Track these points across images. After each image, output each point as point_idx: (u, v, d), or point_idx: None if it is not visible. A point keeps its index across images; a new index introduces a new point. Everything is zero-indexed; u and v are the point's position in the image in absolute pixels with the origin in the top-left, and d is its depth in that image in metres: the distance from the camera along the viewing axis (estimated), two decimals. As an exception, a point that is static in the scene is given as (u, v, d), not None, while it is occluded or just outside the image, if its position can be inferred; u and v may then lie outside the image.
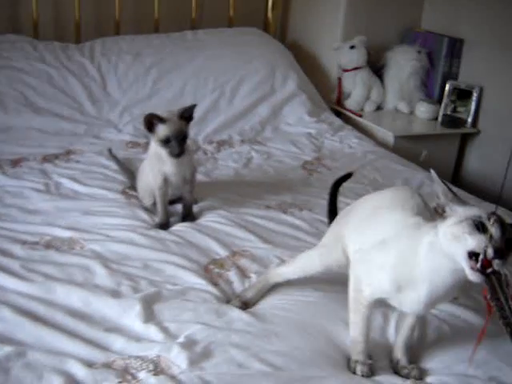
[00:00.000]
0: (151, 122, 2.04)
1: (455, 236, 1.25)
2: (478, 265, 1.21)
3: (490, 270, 1.21)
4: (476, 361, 1.52)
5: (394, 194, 1.63)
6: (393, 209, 1.53)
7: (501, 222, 1.24)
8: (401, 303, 1.43)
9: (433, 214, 1.44)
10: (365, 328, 1.50)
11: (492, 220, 1.24)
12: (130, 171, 2.49)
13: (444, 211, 1.31)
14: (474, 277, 1.22)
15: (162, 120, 2.04)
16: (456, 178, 3.60)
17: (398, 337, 1.57)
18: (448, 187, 1.34)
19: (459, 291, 1.40)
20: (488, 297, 1.23)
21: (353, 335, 1.52)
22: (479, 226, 1.23)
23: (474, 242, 1.22)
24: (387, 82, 3.71)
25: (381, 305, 1.58)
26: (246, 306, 1.72)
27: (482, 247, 1.21)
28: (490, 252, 1.20)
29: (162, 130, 2.04)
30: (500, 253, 1.20)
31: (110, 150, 2.66)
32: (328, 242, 1.72)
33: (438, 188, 1.34)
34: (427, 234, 1.35)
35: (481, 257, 1.20)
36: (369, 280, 1.46)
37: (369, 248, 1.48)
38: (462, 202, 1.32)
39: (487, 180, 3.43)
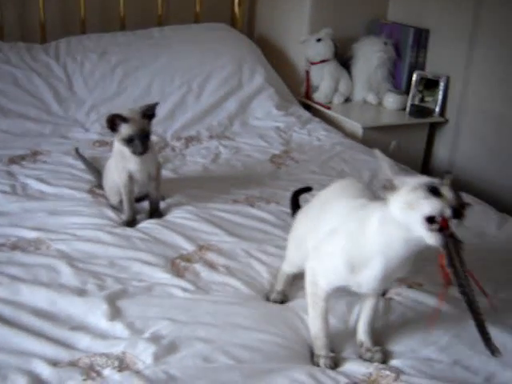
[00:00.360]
0: (114, 121, 2.04)
1: (410, 204, 1.25)
2: (437, 225, 1.21)
3: (448, 232, 1.22)
4: (440, 345, 1.56)
5: (337, 185, 1.68)
6: (337, 198, 1.57)
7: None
8: (359, 285, 1.43)
9: (375, 197, 1.49)
10: (324, 323, 1.51)
11: (445, 182, 1.26)
12: (97, 170, 2.48)
13: (393, 185, 1.33)
14: (433, 239, 1.22)
15: (124, 119, 2.03)
16: (425, 166, 3.63)
17: (360, 319, 1.58)
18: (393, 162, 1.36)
19: (411, 265, 1.42)
20: (446, 263, 1.24)
21: (313, 331, 1.53)
22: (433, 191, 1.24)
23: (430, 205, 1.22)
24: (355, 73, 3.72)
25: (344, 294, 1.60)
26: (284, 296, 1.76)
27: (438, 209, 1.21)
28: (448, 212, 1.21)
29: (125, 130, 2.04)
30: (457, 212, 1.22)
31: (76, 150, 2.65)
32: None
33: (383, 164, 1.35)
34: (375, 210, 1.37)
35: (438, 218, 1.21)
36: (323, 270, 1.47)
37: (320, 241, 1.50)
38: (409, 174, 1.35)
39: (456, 167, 3.46)
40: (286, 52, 3.87)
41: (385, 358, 1.53)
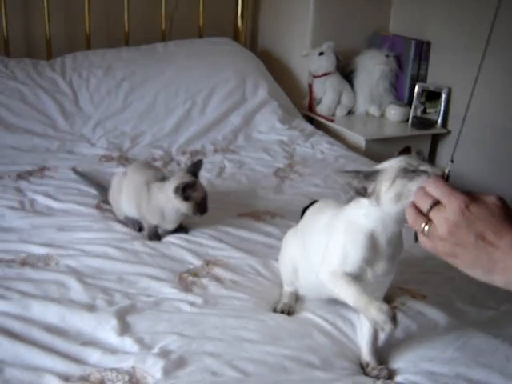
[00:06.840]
0: (186, 191, 2.07)
1: (400, 195, 1.31)
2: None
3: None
4: (443, 358, 1.57)
5: (313, 208, 1.79)
6: (315, 218, 1.68)
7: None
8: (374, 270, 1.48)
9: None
10: (360, 291, 1.41)
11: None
12: (99, 185, 2.50)
13: (366, 189, 1.36)
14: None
15: (192, 186, 2.09)
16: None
17: (362, 341, 1.60)
18: (352, 172, 1.39)
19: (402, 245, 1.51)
20: None
21: (357, 305, 1.42)
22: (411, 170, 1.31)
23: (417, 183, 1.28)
24: (357, 86, 3.77)
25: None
26: (290, 307, 1.79)
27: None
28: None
29: (197, 194, 2.09)
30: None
31: (74, 169, 2.68)
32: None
33: (346, 179, 1.38)
34: (357, 207, 1.45)
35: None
36: (338, 260, 1.47)
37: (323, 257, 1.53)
38: (372, 172, 1.37)
39: (458, 178, 3.48)
40: (289, 66, 3.91)
41: (390, 375, 1.55)
